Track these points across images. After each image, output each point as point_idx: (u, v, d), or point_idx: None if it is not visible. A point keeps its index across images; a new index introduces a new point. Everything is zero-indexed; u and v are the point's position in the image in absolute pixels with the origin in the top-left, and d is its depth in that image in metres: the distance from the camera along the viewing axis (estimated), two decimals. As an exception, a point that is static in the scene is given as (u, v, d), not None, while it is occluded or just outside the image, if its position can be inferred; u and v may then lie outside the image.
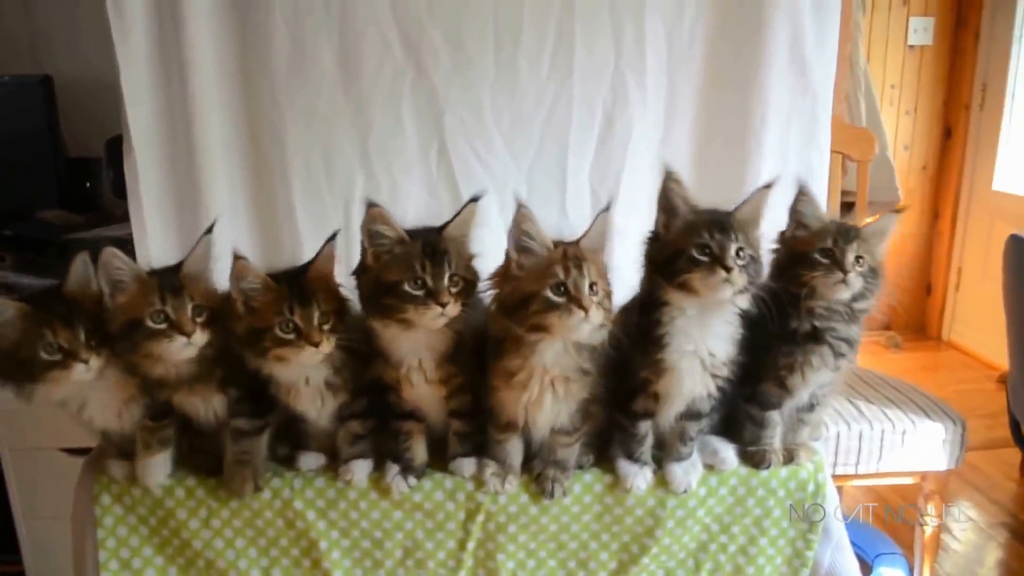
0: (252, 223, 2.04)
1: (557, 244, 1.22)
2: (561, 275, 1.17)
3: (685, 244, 1.24)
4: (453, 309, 1.21)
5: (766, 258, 1.35)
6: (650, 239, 1.32)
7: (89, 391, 1.28)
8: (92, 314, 1.22)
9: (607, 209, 1.26)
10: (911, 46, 4.25)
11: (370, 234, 1.22)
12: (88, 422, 1.33)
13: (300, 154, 2.00)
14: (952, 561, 2.75)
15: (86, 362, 1.20)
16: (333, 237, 1.28)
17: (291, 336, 1.19)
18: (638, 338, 1.29)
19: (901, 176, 3.41)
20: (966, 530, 2.92)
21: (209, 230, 1.29)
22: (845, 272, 1.30)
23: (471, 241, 1.30)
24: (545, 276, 1.18)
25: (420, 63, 1.98)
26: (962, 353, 4.51)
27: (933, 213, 4.56)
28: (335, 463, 1.38)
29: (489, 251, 1.89)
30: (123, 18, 1.86)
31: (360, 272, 1.26)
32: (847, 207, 2.84)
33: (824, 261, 1.32)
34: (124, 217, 2.19)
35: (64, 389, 1.23)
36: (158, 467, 1.34)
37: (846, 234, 1.34)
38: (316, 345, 1.20)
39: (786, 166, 2.09)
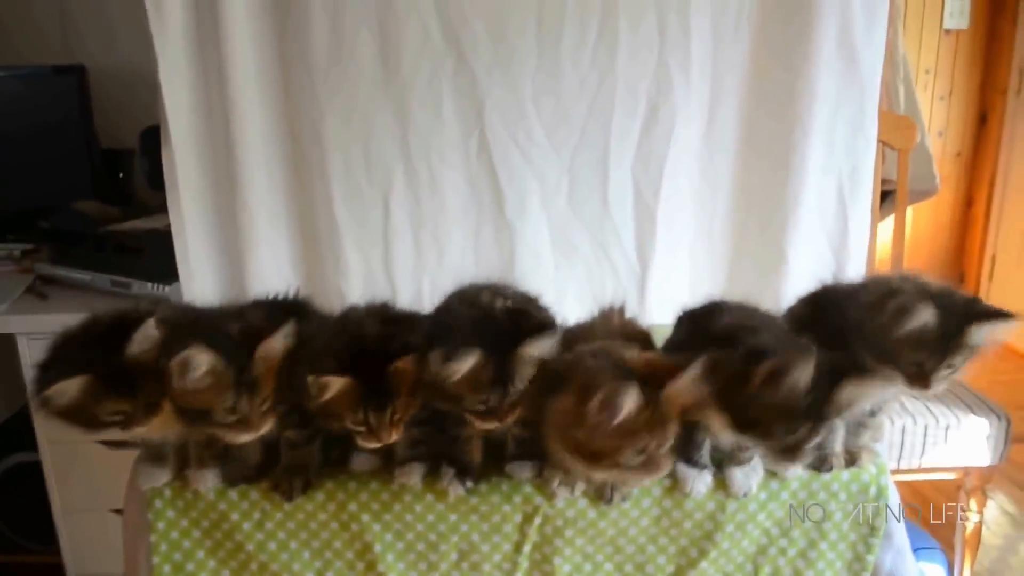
0: (290, 216, 2.04)
1: None
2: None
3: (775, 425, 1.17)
4: None
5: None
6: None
7: None
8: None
9: None
10: (947, 30, 4.17)
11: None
12: (124, 433, 1.29)
13: (339, 146, 1.99)
14: (987, 554, 2.72)
15: (144, 425, 1.20)
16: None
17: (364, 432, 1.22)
18: None
19: (936, 163, 3.35)
20: (1001, 524, 2.89)
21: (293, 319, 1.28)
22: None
23: None
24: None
25: (461, 53, 1.95)
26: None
27: (967, 201, 4.49)
28: (389, 464, 1.36)
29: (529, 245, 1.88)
30: (161, 9, 1.85)
31: None
32: (885, 195, 2.80)
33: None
34: (159, 208, 2.19)
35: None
36: (209, 479, 1.34)
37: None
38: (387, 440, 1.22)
39: (833, 155, 2.06)
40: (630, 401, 1.08)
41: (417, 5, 1.92)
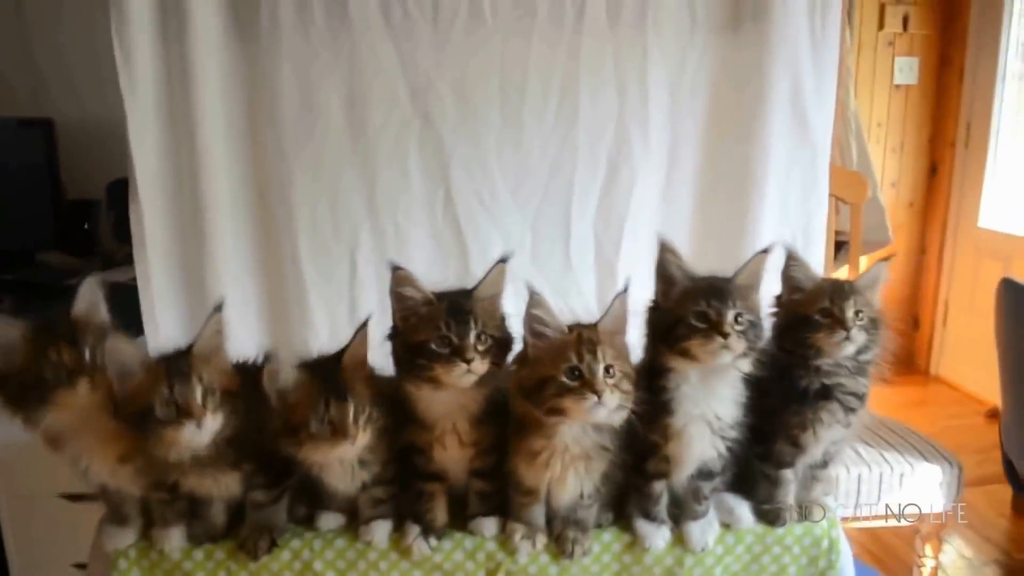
0: (257, 270, 2.05)
1: (572, 327, 1.24)
2: (575, 359, 1.19)
3: (683, 312, 1.27)
4: (480, 366, 1.22)
5: (767, 321, 1.38)
6: (650, 308, 1.34)
7: (86, 432, 1.26)
8: (97, 340, 1.22)
9: (625, 291, 1.27)
10: (897, 85, 4.33)
11: (397, 297, 1.24)
12: (84, 470, 1.31)
13: (306, 203, 2.02)
14: (947, 599, 2.78)
15: (91, 376, 1.20)
16: (365, 324, 1.28)
17: (326, 432, 1.19)
18: (646, 403, 1.30)
19: (888, 212, 3.46)
20: (958, 567, 2.94)
21: (219, 308, 1.26)
22: (847, 329, 1.33)
23: (502, 301, 1.31)
24: (559, 360, 1.20)
25: (427, 114, 2.00)
26: (950, 388, 4.56)
27: (920, 249, 4.63)
28: (354, 522, 1.38)
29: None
30: (131, 70, 1.87)
31: (392, 335, 1.28)
32: (840, 246, 2.88)
33: (825, 321, 1.34)
34: (125, 260, 2.19)
35: (69, 415, 1.22)
36: (174, 538, 1.34)
37: (841, 291, 1.36)
38: (352, 440, 1.20)
39: (786, 216, 2.13)
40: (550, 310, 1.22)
41: (383, 67, 1.97)
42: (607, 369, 1.19)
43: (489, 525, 1.37)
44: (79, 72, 2.80)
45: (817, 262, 2.15)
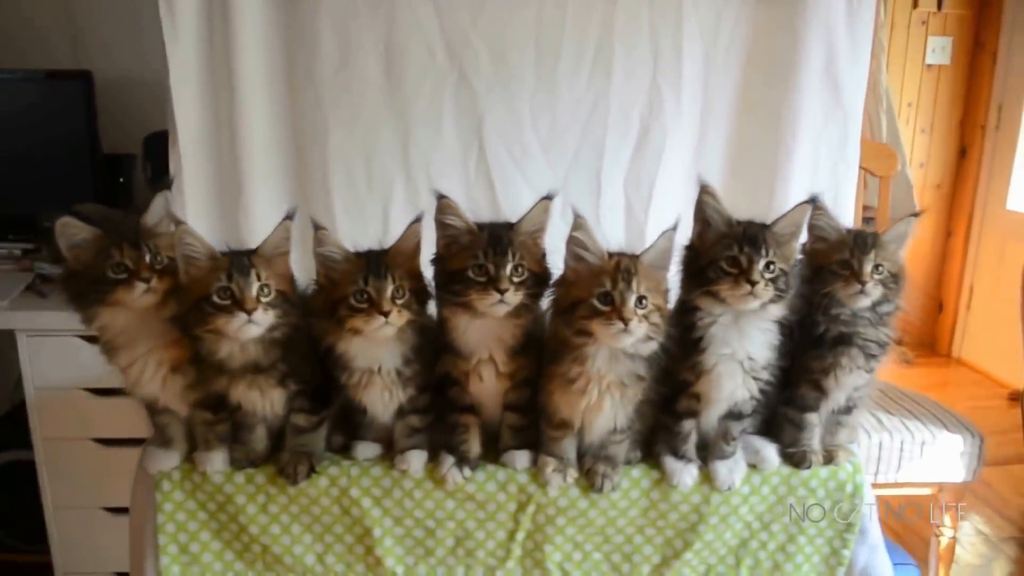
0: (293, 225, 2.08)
1: (613, 255, 1.27)
2: (608, 285, 1.22)
3: (716, 255, 1.29)
4: (513, 297, 1.26)
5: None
6: (687, 247, 1.37)
7: (140, 337, 1.32)
8: (160, 249, 1.29)
9: (674, 228, 1.29)
10: (929, 65, 4.30)
11: (441, 225, 1.28)
12: (134, 383, 1.36)
13: (342, 157, 2.05)
14: (962, 573, 2.79)
15: (147, 281, 1.26)
16: (418, 219, 1.32)
17: (364, 305, 1.23)
18: (678, 340, 1.33)
19: (916, 193, 3.46)
20: (975, 543, 2.96)
21: (290, 216, 1.33)
22: (863, 283, 1.36)
23: (543, 237, 1.35)
24: (594, 284, 1.23)
25: (462, 71, 2.03)
26: (972, 370, 4.55)
27: (946, 231, 4.60)
28: (390, 452, 1.42)
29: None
30: (174, 19, 1.91)
31: (435, 260, 1.33)
32: (867, 222, 2.89)
33: (842, 272, 1.37)
34: (160, 213, 2.23)
35: (124, 317, 1.29)
36: (216, 461, 1.39)
37: (863, 244, 1.38)
38: (386, 315, 1.23)
39: (816, 180, 2.14)
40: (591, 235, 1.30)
41: (422, 25, 2.00)
42: (640, 300, 1.22)
43: (521, 458, 1.40)
44: (115, 25, 2.84)
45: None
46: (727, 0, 2.06)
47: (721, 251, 1.29)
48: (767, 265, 1.27)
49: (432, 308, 1.39)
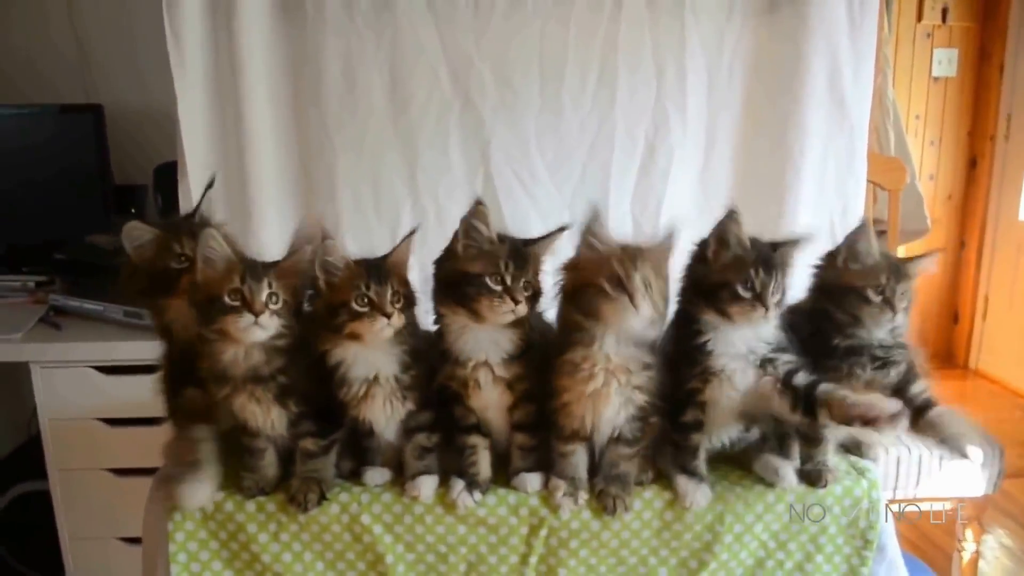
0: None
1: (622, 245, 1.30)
2: (617, 269, 1.25)
3: (731, 277, 1.31)
4: (523, 309, 1.31)
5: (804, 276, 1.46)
6: (696, 258, 1.38)
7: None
8: None
9: (677, 230, 1.32)
10: (935, 77, 4.28)
11: (468, 227, 1.31)
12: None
13: (349, 183, 2.07)
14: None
15: None
16: (412, 233, 1.37)
17: (366, 309, 1.28)
18: (681, 350, 1.37)
19: (927, 205, 3.44)
20: (999, 557, 2.91)
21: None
22: (895, 312, 1.39)
23: (545, 260, 1.38)
24: (603, 269, 1.26)
25: (468, 95, 2.05)
26: (990, 381, 4.49)
27: (959, 242, 4.57)
28: (400, 478, 1.41)
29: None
30: (181, 51, 1.94)
31: (444, 259, 1.35)
32: (878, 235, 2.87)
33: (876, 299, 1.39)
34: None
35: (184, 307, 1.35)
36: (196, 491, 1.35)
37: (898, 274, 1.40)
38: (388, 316, 1.28)
39: (824, 197, 2.14)
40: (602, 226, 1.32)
41: (425, 49, 2.02)
42: (646, 284, 1.25)
43: (532, 480, 1.39)
44: (123, 61, 2.88)
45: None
46: (729, 17, 2.08)
47: (738, 274, 1.31)
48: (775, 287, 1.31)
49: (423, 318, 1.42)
